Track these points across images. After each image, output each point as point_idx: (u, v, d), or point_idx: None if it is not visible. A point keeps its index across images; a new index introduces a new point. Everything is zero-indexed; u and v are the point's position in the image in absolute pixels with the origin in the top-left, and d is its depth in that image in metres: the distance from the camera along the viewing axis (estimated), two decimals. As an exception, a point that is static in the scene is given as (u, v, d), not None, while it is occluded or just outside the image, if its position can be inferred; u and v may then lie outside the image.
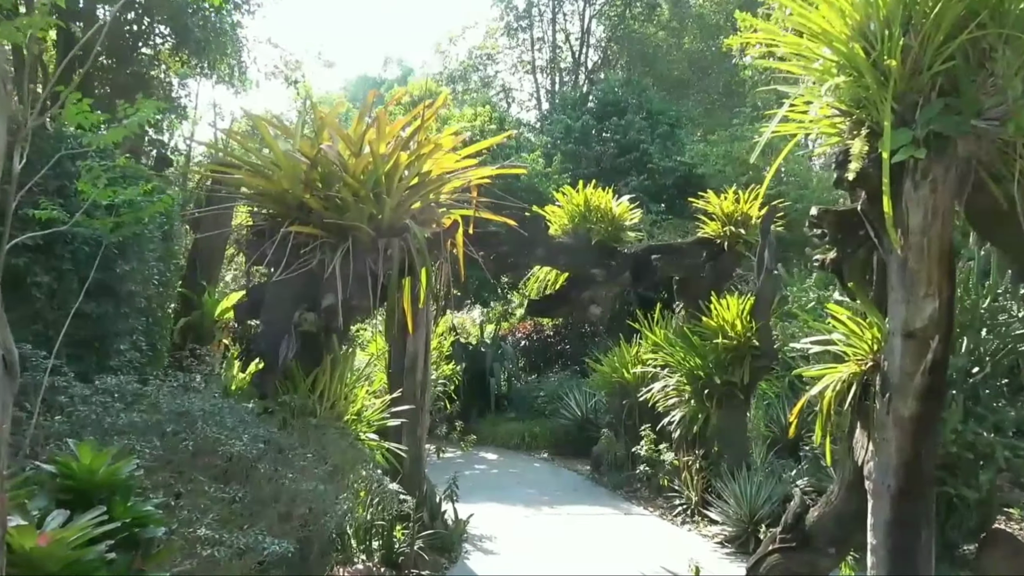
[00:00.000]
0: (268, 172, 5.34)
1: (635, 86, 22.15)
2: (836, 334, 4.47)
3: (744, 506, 8.05)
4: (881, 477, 3.82)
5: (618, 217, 9.01)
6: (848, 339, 4.27)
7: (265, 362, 4.44)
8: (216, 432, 3.53)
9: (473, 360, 15.64)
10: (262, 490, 3.56)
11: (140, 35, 10.94)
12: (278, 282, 4.93)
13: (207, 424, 3.57)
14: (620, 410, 11.16)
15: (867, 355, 4.12)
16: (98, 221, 4.18)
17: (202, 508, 3.20)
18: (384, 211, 5.42)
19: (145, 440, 3.36)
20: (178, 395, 3.92)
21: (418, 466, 8.01)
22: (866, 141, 3.68)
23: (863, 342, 4.14)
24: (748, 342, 8.51)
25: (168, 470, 3.36)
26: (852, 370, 4.11)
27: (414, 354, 8.10)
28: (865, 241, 4.05)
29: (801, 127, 4.38)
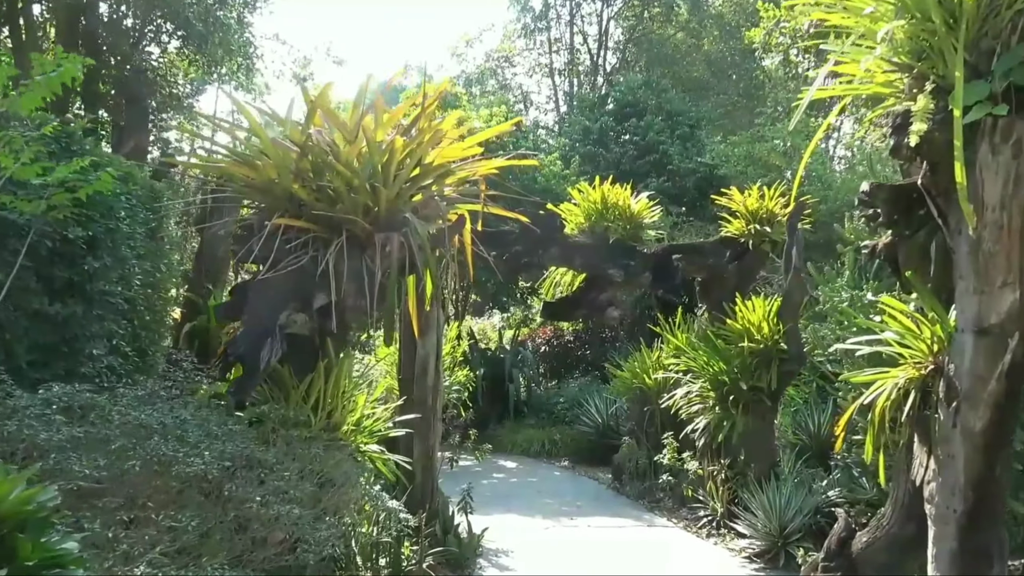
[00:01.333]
0: (255, 161, 4.98)
1: (654, 87, 21.68)
2: (888, 332, 3.91)
3: (773, 519, 7.55)
4: (945, 500, 3.29)
5: (637, 215, 8.57)
6: (903, 338, 3.72)
7: (244, 368, 4.05)
8: (173, 449, 3.13)
9: (491, 366, 15.25)
10: (227, 515, 3.16)
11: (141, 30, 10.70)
12: (263, 280, 4.55)
13: (165, 439, 3.18)
14: (641, 417, 10.68)
15: (926, 357, 3.58)
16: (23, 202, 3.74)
17: (148, 540, 2.79)
18: (380, 203, 5.04)
19: (89, 459, 2.96)
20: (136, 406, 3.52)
21: (430, 476, 7.61)
22: (931, 98, 3.12)
23: (921, 341, 3.60)
24: (775, 345, 8.01)
25: (113, 494, 2.96)
26: (909, 375, 3.58)
27: (425, 358, 7.72)
28: (926, 221, 3.51)
29: (848, 89, 3.86)
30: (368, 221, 5.11)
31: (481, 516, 7.84)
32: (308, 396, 4.94)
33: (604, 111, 21.12)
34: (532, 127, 23.19)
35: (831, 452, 9.01)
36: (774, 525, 7.49)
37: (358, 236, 5.11)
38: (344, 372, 5.22)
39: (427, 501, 7.43)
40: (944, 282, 3.45)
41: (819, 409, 9.77)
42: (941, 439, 3.29)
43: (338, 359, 5.15)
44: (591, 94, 24.15)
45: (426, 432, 7.65)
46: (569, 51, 27.98)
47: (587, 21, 27.94)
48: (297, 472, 4.19)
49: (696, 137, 20.09)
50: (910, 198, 3.55)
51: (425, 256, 5.26)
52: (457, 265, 6.16)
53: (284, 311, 4.54)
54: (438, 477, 7.71)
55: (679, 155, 19.14)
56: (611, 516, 9.18)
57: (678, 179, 18.44)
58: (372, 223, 5.13)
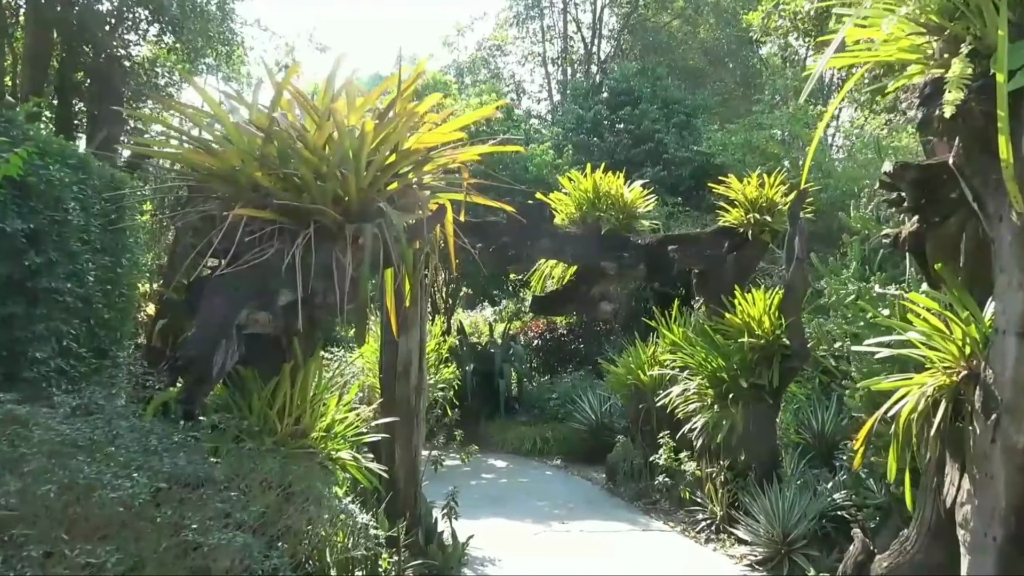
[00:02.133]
0: (215, 147, 4.56)
1: (649, 75, 21.24)
2: (912, 333, 3.48)
3: (776, 524, 7.18)
4: (983, 525, 2.88)
5: (630, 204, 8.17)
6: (929, 339, 3.30)
7: (195, 372, 3.66)
8: (98, 470, 2.72)
9: (482, 361, 14.84)
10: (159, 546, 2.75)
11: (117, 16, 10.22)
12: (221, 276, 4.14)
13: (92, 458, 2.77)
14: (637, 414, 10.32)
15: (956, 361, 3.16)
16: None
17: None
18: (351, 191, 4.62)
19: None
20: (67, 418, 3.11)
21: (412, 481, 7.23)
22: (967, 63, 2.71)
23: (951, 343, 3.18)
24: (777, 340, 7.63)
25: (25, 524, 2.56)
26: (939, 382, 3.15)
27: (407, 356, 7.33)
28: (958, 207, 3.09)
29: (868, 56, 3.43)
30: (339, 211, 4.69)
31: (468, 521, 7.46)
32: (273, 401, 4.54)
33: (598, 99, 20.67)
34: (524, 116, 22.76)
35: (836, 452, 8.67)
36: (777, 531, 7.13)
37: (328, 228, 4.70)
38: (312, 374, 4.82)
39: (409, 508, 7.06)
40: (978, 276, 3.03)
41: (822, 407, 9.42)
42: (978, 456, 2.86)
43: (306, 360, 4.75)
44: (585, 82, 23.68)
45: (409, 434, 7.27)
46: (563, 39, 27.49)
47: (581, 9, 27.48)
48: (258, 486, 3.80)
49: (692, 125, 19.68)
50: (940, 180, 3.13)
51: (402, 249, 4.85)
52: (439, 258, 5.76)
53: (244, 309, 4.14)
54: (421, 481, 7.32)
55: (675, 144, 18.74)
56: (605, 520, 8.81)
57: (674, 168, 18.05)
58: (343, 213, 4.71)
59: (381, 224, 4.78)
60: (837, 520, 7.47)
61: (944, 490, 3.17)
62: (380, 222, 4.78)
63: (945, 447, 3.14)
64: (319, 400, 5.01)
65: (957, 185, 2.98)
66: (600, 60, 26.93)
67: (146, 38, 11.08)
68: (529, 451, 12.94)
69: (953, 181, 3.01)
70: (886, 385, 3.55)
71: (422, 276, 6.96)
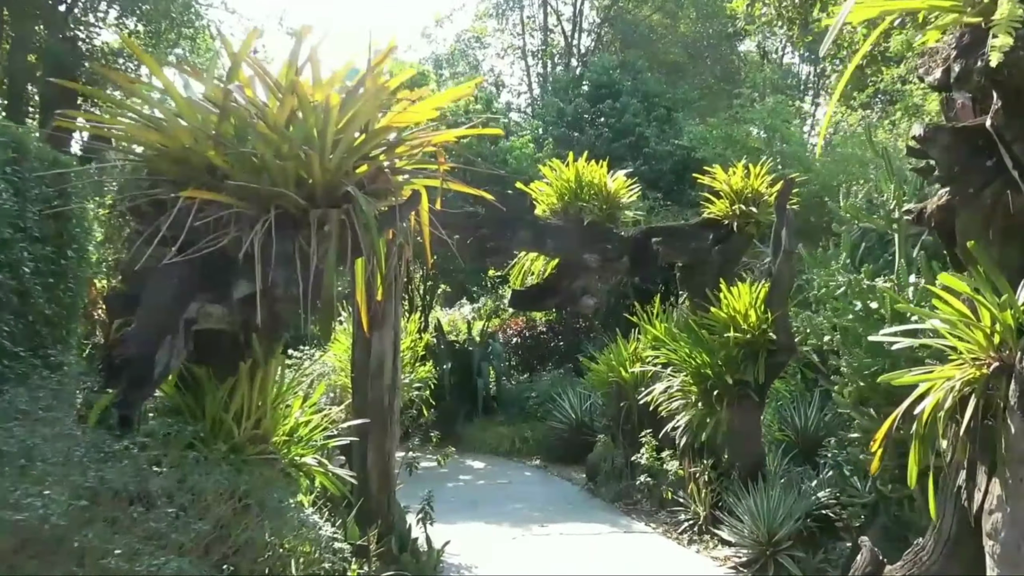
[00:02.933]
0: (164, 124, 4.18)
1: (630, 68, 21.02)
2: (935, 321, 3.14)
3: (761, 525, 6.94)
4: (1014, 535, 2.61)
5: (613, 194, 7.87)
6: (954, 328, 2.97)
7: (134, 373, 3.28)
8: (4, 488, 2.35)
9: (460, 359, 14.53)
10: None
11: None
12: (168, 266, 3.77)
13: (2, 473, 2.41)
14: (618, 413, 10.04)
15: (985, 351, 2.85)
16: None
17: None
18: (315, 174, 4.26)
19: None
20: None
21: (386, 485, 6.90)
22: (1017, 3, 2.38)
23: (978, 331, 2.86)
24: (763, 335, 7.39)
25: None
26: (967, 375, 2.84)
27: (380, 354, 6.99)
28: (995, 176, 2.77)
29: (897, 3, 3.08)
30: (302, 196, 4.33)
31: (444, 526, 7.14)
32: (230, 403, 4.18)
33: (579, 93, 20.40)
34: (504, 109, 22.42)
35: (820, 449, 8.46)
36: (762, 532, 6.88)
37: (290, 213, 4.33)
38: (274, 373, 4.46)
39: (382, 514, 6.72)
40: (1009, 257, 2.73)
41: (805, 403, 9.22)
42: (1012, 458, 2.57)
43: (267, 358, 4.39)
44: (565, 75, 23.39)
45: (382, 436, 6.93)
46: (543, 32, 27.17)
47: (561, 0, 27.18)
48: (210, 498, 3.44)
49: (673, 120, 19.50)
50: (975, 146, 2.80)
51: (372, 238, 4.49)
52: (414, 250, 5.42)
53: (194, 302, 3.78)
54: (395, 485, 6.99)
55: (655, 138, 18.54)
56: (585, 522, 8.53)
57: (654, 162, 17.83)
58: (307, 198, 4.35)
59: (349, 210, 4.43)
60: (822, 519, 7.27)
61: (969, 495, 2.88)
62: (348, 208, 4.42)
63: (970, 447, 2.84)
64: (282, 401, 4.65)
65: (995, 151, 2.67)
66: (580, 53, 26.66)
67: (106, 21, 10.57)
68: (508, 451, 12.66)
69: (991, 146, 2.69)
70: (907, 379, 3.25)
71: (396, 268, 6.62)
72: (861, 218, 6.21)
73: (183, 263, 3.86)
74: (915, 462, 3.06)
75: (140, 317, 3.60)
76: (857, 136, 19.09)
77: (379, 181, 4.99)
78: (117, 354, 3.31)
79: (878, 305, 6.00)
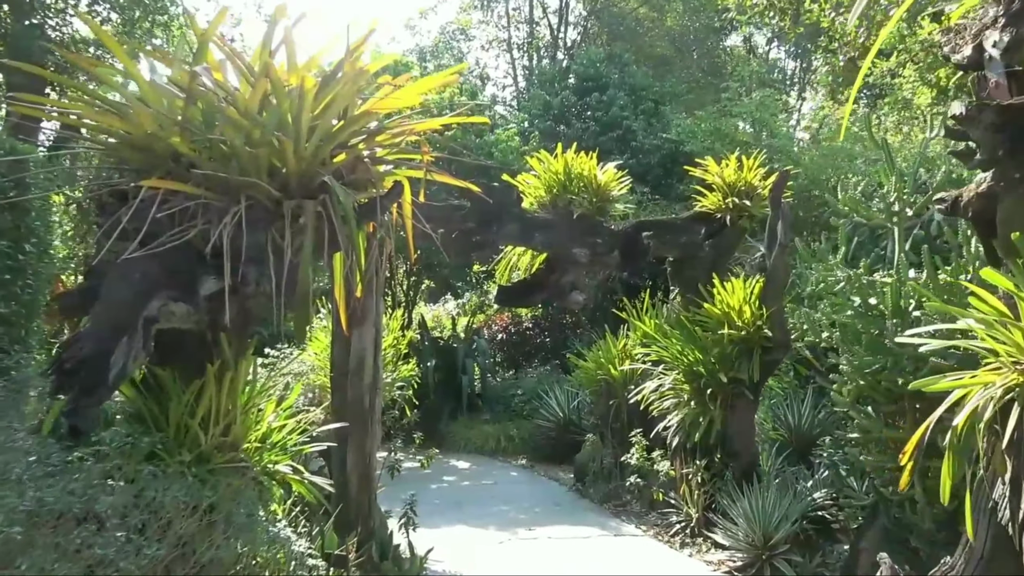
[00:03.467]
0: (126, 109, 3.87)
1: (617, 61, 20.78)
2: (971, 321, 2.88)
3: (756, 528, 6.74)
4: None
5: (603, 187, 7.62)
6: (991, 328, 2.71)
7: (86, 377, 2.98)
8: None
9: (444, 356, 14.24)
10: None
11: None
12: (126, 261, 3.47)
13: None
14: (606, 411, 9.82)
15: None
16: None
17: None
18: (289, 162, 3.97)
19: None
20: None
21: (367, 489, 6.62)
22: None
23: (1017, 332, 2.61)
24: (758, 331, 7.17)
25: None
26: (1010, 381, 2.58)
27: (361, 352, 6.72)
28: None
29: None
30: (275, 186, 4.03)
31: (427, 530, 6.89)
32: (196, 408, 3.89)
33: (565, 85, 20.13)
34: (489, 101, 22.11)
35: (814, 448, 8.28)
36: (757, 535, 6.69)
37: (263, 204, 4.03)
38: (244, 375, 4.16)
39: (363, 519, 6.45)
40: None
41: (798, 400, 9.03)
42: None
43: (237, 359, 4.09)
44: (552, 67, 23.09)
45: (362, 437, 6.66)
46: (528, 24, 26.84)
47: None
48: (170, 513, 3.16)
49: (660, 113, 19.29)
50: (1023, 126, 2.54)
51: (350, 231, 4.20)
52: (395, 243, 5.13)
53: (155, 299, 3.48)
54: (376, 489, 6.71)
55: (643, 131, 18.32)
56: (573, 524, 8.29)
57: (642, 156, 17.61)
58: (281, 188, 4.05)
59: (326, 201, 4.13)
60: (818, 521, 7.08)
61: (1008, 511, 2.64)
62: (325, 199, 4.13)
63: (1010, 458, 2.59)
64: (254, 405, 4.35)
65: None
66: (567, 47, 26.38)
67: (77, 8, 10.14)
68: (493, 450, 12.40)
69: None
70: (942, 386, 2.99)
71: (377, 263, 6.33)
72: (860, 211, 5.99)
73: (145, 258, 3.56)
74: (948, 475, 2.80)
75: (95, 316, 3.30)
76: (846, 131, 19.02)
77: (358, 171, 4.70)
78: (68, 356, 3.01)
79: (877, 301, 5.79)
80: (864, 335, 5.54)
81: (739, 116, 18.56)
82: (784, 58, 30.01)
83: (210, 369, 3.92)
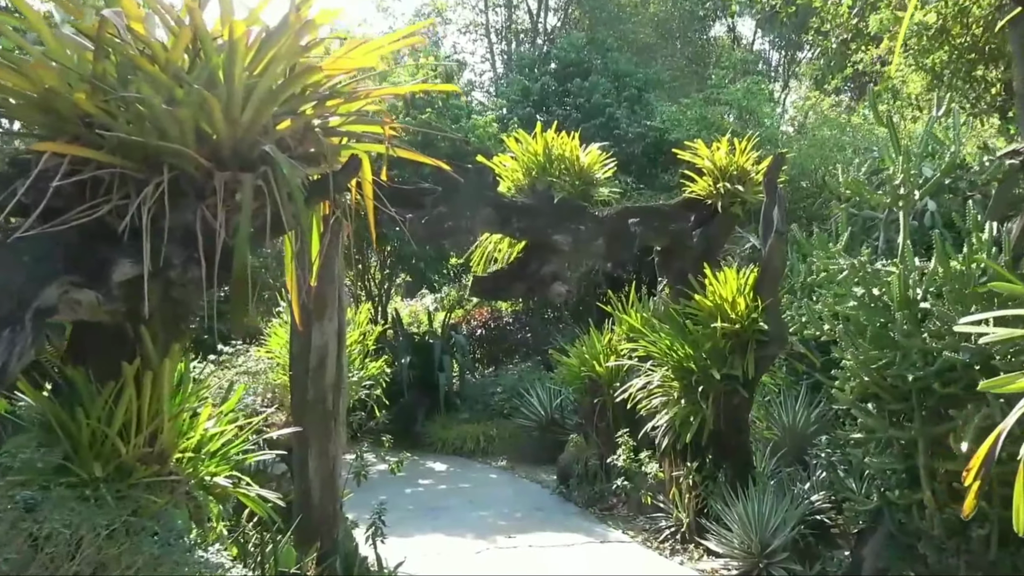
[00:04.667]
0: (25, 63, 3.26)
1: (599, 46, 20.25)
2: None
3: (752, 534, 6.28)
4: None
5: (586, 169, 7.09)
6: None
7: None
8: None
9: (420, 353, 13.66)
10: None
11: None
12: (18, 241, 2.88)
13: None
14: (591, 410, 9.29)
15: None
16: None
17: None
18: (219, 127, 3.38)
19: None
20: None
21: (331, 498, 6.03)
22: None
23: None
24: (753, 325, 6.68)
25: None
26: None
27: (323, 349, 6.11)
28: None
29: None
30: (206, 155, 3.46)
31: (399, 539, 6.35)
32: (114, 413, 3.31)
33: (545, 71, 19.57)
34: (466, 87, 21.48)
35: (810, 448, 7.83)
36: (754, 541, 6.22)
37: (191, 177, 3.45)
38: (171, 374, 3.58)
39: (326, 530, 5.89)
40: None
41: (791, 396, 8.57)
42: None
43: (163, 356, 3.51)
44: (531, 51, 22.49)
45: (324, 441, 6.07)
46: (507, 8, 26.19)
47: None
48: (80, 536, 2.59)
49: (644, 100, 18.79)
50: None
51: (297, 209, 3.63)
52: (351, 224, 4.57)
53: (51, 286, 2.90)
54: (341, 497, 6.15)
55: (626, 119, 17.81)
56: (557, 531, 7.77)
57: (625, 145, 17.10)
58: (212, 157, 3.48)
59: (268, 175, 3.56)
60: (816, 526, 6.63)
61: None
62: (266, 172, 3.56)
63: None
64: (187, 409, 3.77)
65: None
66: (547, 32, 25.79)
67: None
68: (472, 451, 11.85)
69: None
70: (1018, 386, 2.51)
71: (336, 249, 5.76)
72: (864, 194, 5.50)
73: (41, 237, 2.97)
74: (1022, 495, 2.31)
75: (-34, 307, 2.72)
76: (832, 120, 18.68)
77: (308, 142, 4.12)
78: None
79: (881, 291, 5.32)
80: (869, 328, 5.05)
81: (726, 104, 18.16)
82: (768, 49, 29.69)
83: (127, 368, 3.33)
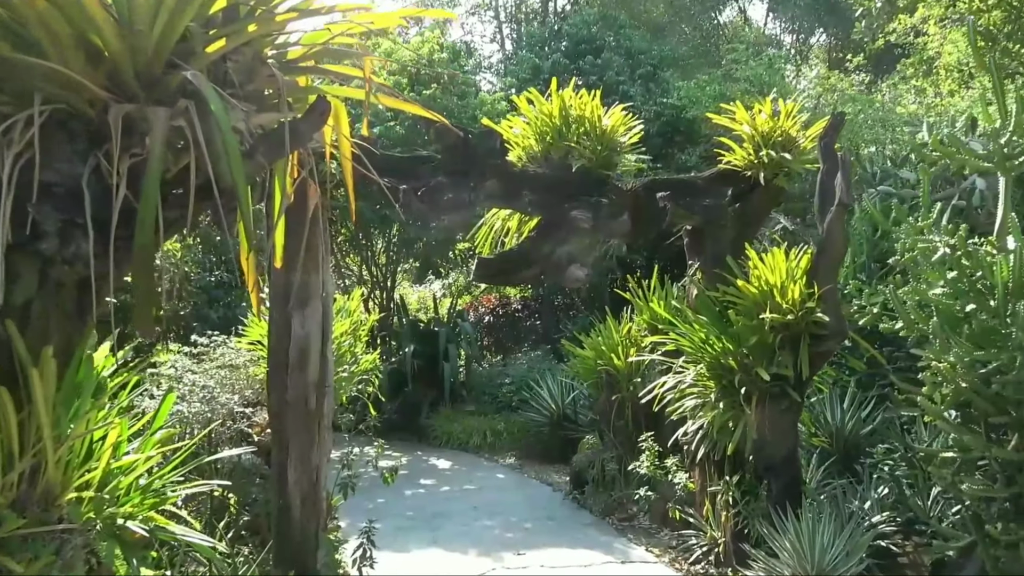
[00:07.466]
0: None
1: (612, 22, 19.19)
2: None
3: (808, 563, 5.29)
4: None
5: (609, 133, 6.09)
6: None
7: None
8: None
9: (424, 342, 12.76)
10: None
11: None
12: None
13: None
14: (608, 408, 8.34)
15: None
16: None
17: None
18: (110, 42, 2.42)
19: None
20: None
21: (313, 513, 5.11)
22: None
23: None
24: (808, 315, 5.67)
25: None
26: None
27: (304, 342, 5.19)
28: None
29: None
30: (99, 82, 2.50)
31: (393, 555, 5.47)
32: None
33: (556, 48, 18.54)
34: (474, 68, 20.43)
35: (861, 458, 6.85)
36: (811, 574, 5.24)
37: (77, 112, 2.51)
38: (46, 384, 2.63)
39: (308, 550, 5.01)
40: None
41: (837, 397, 7.56)
42: None
43: (38, 360, 2.57)
44: (542, 30, 21.40)
45: (307, 447, 5.15)
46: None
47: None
48: None
49: (659, 78, 17.74)
50: None
51: (233, 162, 2.65)
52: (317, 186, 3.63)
53: None
54: (324, 512, 5.24)
55: (641, 97, 16.75)
56: (572, 546, 6.83)
57: (640, 124, 16.08)
58: (109, 85, 2.53)
59: (190, 110, 2.59)
60: (881, 555, 5.65)
61: None
62: (188, 105, 2.59)
63: None
64: (84, 431, 2.82)
65: None
66: (557, 12, 24.67)
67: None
68: (478, 447, 10.98)
69: None
70: None
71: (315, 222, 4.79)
72: (958, 155, 4.49)
73: None
74: None
75: None
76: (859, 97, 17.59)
77: (257, 77, 3.16)
78: None
79: (980, 275, 4.33)
80: (973, 320, 4.06)
81: (745, 80, 17.12)
82: (779, 32, 28.65)
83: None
